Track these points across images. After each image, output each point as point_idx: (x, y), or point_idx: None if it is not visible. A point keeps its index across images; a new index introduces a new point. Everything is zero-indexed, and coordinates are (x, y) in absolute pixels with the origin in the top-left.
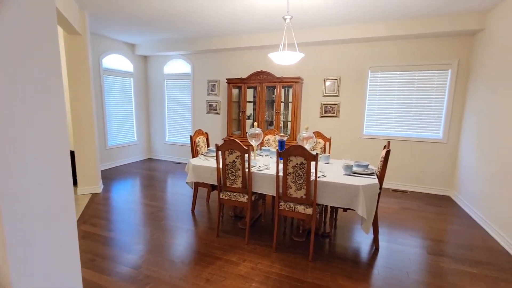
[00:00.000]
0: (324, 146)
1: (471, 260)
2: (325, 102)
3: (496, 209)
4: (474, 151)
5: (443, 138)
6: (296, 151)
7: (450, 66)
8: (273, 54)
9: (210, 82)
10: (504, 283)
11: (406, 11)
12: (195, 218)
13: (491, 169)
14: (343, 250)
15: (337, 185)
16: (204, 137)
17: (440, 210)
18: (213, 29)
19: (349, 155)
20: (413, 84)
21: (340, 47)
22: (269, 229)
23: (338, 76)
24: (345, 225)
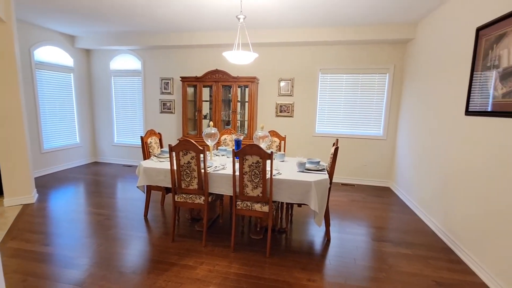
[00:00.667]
0: (280, 145)
1: (407, 242)
2: (280, 102)
3: (424, 196)
4: (407, 145)
5: (383, 135)
6: (251, 150)
7: (388, 70)
8: (227, 53)
9: (163, 80)
10: (433, 260)
11: (351, 19)
12: (148, 224)
13: (419, 161)
14: (299, 244)
15: (291, 182)
16: (157, 138)
17: (381, 200)
18: (166, 24)
19: (303, 152)
20: (357, 86)
21: (293, 49)
22: (227, 230)
23: (292, 77)
24: (300, 219)
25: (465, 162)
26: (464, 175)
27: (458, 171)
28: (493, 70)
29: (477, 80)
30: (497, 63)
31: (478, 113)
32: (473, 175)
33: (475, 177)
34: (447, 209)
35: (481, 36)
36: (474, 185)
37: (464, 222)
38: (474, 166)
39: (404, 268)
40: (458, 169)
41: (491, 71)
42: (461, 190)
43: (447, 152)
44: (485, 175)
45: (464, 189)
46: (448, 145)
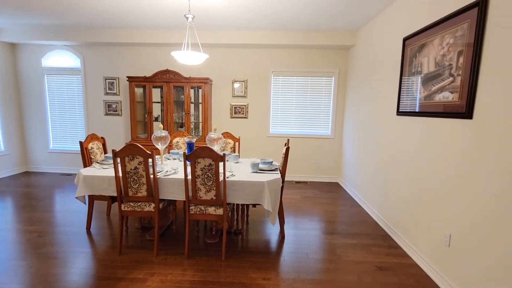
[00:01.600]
0: (234, 146)
1: (353, 233)
2: (234, 103)
3: (366, 189)
4: (352, 143)
5: (331, 134)
6: (203, 153)
7: (333, 73)
8: (176, 53)
9: (108, 79)
10: (375, 247)
11: (301, 24)
12: (92, 238)
13: (361, 157)
14: (255, 244)
15: (245, 183)
16: (100, 143)
17: (331, 195)
18: (109, 19)
19: (258, 153)
20: (307, 88)
21: (246, 51)
22: (181, 236)
23: (245, 78)
24: (257, 219)
25: (397, 156)
26: (396, 168)
27: (392, 165)
28: (417, 75)
29: (405, 85)
30: (420, 70)
31: (407, 113)
32: (403, 168)
33: (405, 170)
34: (385, 200)
35: (407, 45)
36: (405, 176)
37: (398, 211)
38: (404, 160)
39: (350, 257)
40: (392, 163)
41: (416, 77)
42: (395, 181)
43: (382, 148)
44: (413, 168)
45: (397, 180)
46: (383, 142)
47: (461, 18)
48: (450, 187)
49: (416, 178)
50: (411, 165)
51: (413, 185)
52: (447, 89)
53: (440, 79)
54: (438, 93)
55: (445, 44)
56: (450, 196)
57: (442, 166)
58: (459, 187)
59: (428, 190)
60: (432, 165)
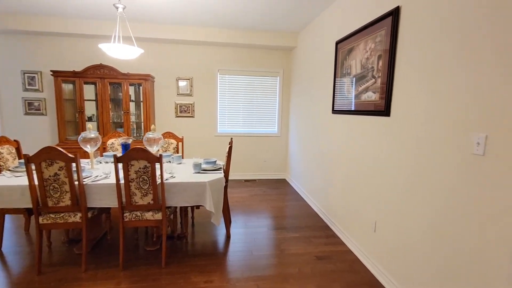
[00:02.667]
0: (177, 147)
1: (296, 227)
2: (179, 102)
3: (309, 183)
4: (296, 141)
5: (278, 132)
6: (137, 155)
7: (278, 74)
8: (104, 45)
9: (27, 73)
10: (315, 238)
11: (244, 24)
12: (4, 258)
13: (304, 153)
14: (200, 247)
15: (185, 184)
16: (12, 147)
17: (279, 192)
18: (26, 4)
19: (206, 153)
20: (254, 87)
21: (190, 48)
22: (118, 247)
23: (190, 76)
24: (203, 220)
25: (333, 152)
26: (333, 163)
27: (329, 160)
28: (347, 77)
29: (338, 85)
30: (349, 71)
31: (340, 112)
32: (339, 163)
33: (340, 164)
34: (324, 193)
35: (339, 48)
36: (340, 170)
37: (335, 202)
38: (339, 155)
39: (293, 250)
40: (329, 159)
41: (346, 78)
42: (332, 175)
43: (321, 145)
44: (346, 162)
45: (333, 174)
46: (321, 139)
47: (380, 25)
48: (375, 178)
49: (349, 171)
50: (344, 159)
51: (347, 178)
52: (371, 90)
53: (365, 80)
54: (364, 93)
55: (368, 49)
56: (375, 186)
57: (369, 160)
58: (381, 178)
59: (359, 182)
60: (362, 159)
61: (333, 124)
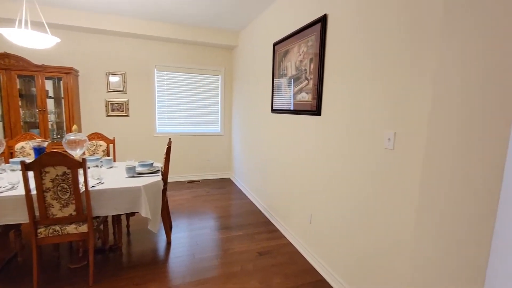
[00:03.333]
0: (108, 149)
1: (240, 225)
2: (111, 99)
3: (252, 181)
4: (239, 139)
5: (221, 131)
6: (53, 160)
7: (220, 72)
8: (5, 30)
9: None
10: (257, 234)
11: (182, 19)
12: None
13: (246, 151)
14: (137, 257)
15: (116, 190)
16: None
17: (223, 191)
18: None
19: (143, 155)
20: (195, 85)
21: (123, 40)
22: (31, 268)
23: (123, 71)
24: (142, 228)
25: (273, 150)
26: (273, 161)
27: (270, 157)
28: (284, 77)
29: (276, 85)
30: (286, 72)
31: (279, 111)
32: (279, 160)
33: (280, 161)
34: (266, 189)
35: (276, 50)
36: (280, 167)
37: (276, 197)
38: (278, 153)
39: (236, 248)
40: (270, 156)
41: (283, 79)
42: (273, 172)
43: (261, 143)
44: (285, 159)
45: (274, 171)
46: (262, 138)
47: (311, 31)
48: (310, 173)
49: (287, 168)
50: (283, 157)
51: (286, 174)
52: (305, 90)
53: (300, 82)
54: (299, 94)
55: (301, 52)
56: (310, 181)
57: (304, 156)
58: (315, 172)
59: (296, 178)
60: (298, 156)
61: (273, 123)
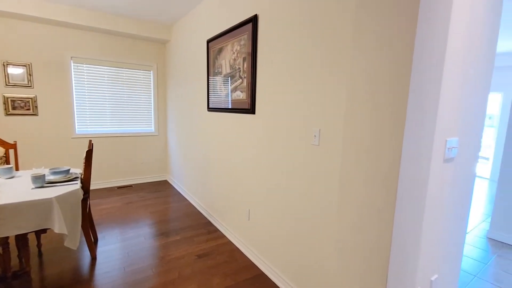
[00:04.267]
0: (7, 155)
1: (178, 229)
2: (11, 95)
3: (190, 181)
4: (175, 139)
5: (155, 131)
6: None
7: (151, 68)
8: None
9: None
10: (196, 237)
11: (106, 5)
12: None
13: (183, 151)
14: (53, 281)
15: (19, 205)
16: None
17: (159, 195)
18: None
19: (60, 160)
20: (122, 81)
21: (27, 25)
22: None
23: (28, 62)
24: (58, 246)
25: (211, 149)
26: (211, 160)
27: (207, 157)
28: (219, 75)
29: (211, 83)
30: (220, 70)
31: (215, 110)
32: (217, 159)
33: (218, 160)
34: (205, 189)
35: (210, 47)
36: (218, 166)
37: (215, 196)
38: (216, 152)
39: (173, 254)
40: (207, 155)
41: (218, 76)
42: (211, 171)
43: (199, 143)
44: (223, 158)
45: (212, 170)
46: (199, 137)
47: (243, 30)
48: (246, 170)
49: (225, 166)
50: (220, 155)
51: (225, 172)
52: (239, 89)
53: (234, 80)
54: (234, 92)
55: (235, 50)
56: (247, 178)
57: (241, 154)
58: (252, 169)
59: (233, 175)
60: (235, 154)
61: (209, 122)
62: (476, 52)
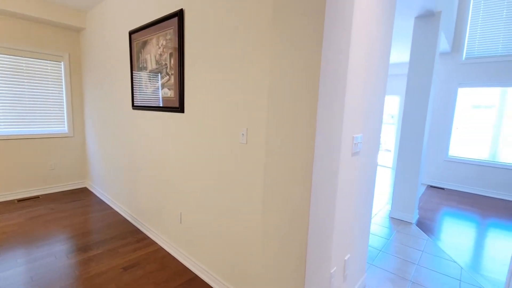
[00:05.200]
0: None
1: (100, 241)
2: None
3: (115, 187)
4: (96, 141)
5: (69, 131)
6: None
7: (62, 58)
8: None
9: None
10: (122, 247)
11: None
12: None
13: (106, 154)
14: None
15: None
16: None
17: (77, 204)
18: None
19: None
20: (22, 73)
21: None
22: None
23: None
24: None
25: (138, 150)
26: (139, 162)
27: (135, 158)
28: (144, 71)
29: (136, 79)
30: (145, 65)
31: (141, 108)
32: (145, 160)
33: (147, 162)
34: (133, 194)
35: (133, 39)
36: (147, 168)
37: (145, 201)
38: (144, 153)
39: (93, 271)
40: (134, 157)
41: (143, 72)
42: (139, 174)
43: (124, 143)
44: (153, 159)
45: (141, 173)
46: (124, 137)
47: (169, 24)
48: (179, 171)
49: (158, 168)
50: (149, 156)
51: (156, 174)
52: (166, 86)
53: (161, 76)
54: (161, 89)
55: (160, 45)
56: (178, 179)
57: (171, 155)
58: (183, 170)
59: (167, 177)
60: (165, 155)
61: (135, 121)
62: (374, 63)
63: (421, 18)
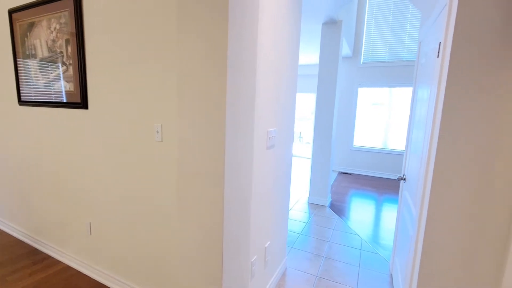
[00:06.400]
0: None
1: None
2: None
3: (2, 206)
4: None
5: None
6: None
7: None
8: None
9: None
10: (13, 274)
11: None
12: None
13: None
14: None
15: None
16: None
17: None
18: None
19: None
20: None
21: None
22: None
23: None
24: None
25: (29, 154)
26: (34, 167)
27: (26, 165)
28: (33, 59)
29: (22, 69)
30: (35, 53)
31: (31, 103)
32: (42, 165)
33: (46, 167)
34: (27, 208)
35: (15, 20)
36: (44, 175)
37: (43, 215)
38: (38, 157)
39: None
40: (25, 163)
41: (32, 60)
42: (32, 183)
43: (11, 147)
44: (49, 164)
45: (39, 180)
46: (10, 139)
47: (62, 4)
48: (86, 175)
49: (57, 175)
50: (49, 163)
51: (55, 183)
52: (64, 78)
53: (56, 66)
54: (56, 82)
55: (53, 29)
56: (85, 185)
57: (79, 157)
58: (91, 173)
59: (71, 183)
60: (71, 158)
61: (24, 119)
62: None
63: (326, 24)
